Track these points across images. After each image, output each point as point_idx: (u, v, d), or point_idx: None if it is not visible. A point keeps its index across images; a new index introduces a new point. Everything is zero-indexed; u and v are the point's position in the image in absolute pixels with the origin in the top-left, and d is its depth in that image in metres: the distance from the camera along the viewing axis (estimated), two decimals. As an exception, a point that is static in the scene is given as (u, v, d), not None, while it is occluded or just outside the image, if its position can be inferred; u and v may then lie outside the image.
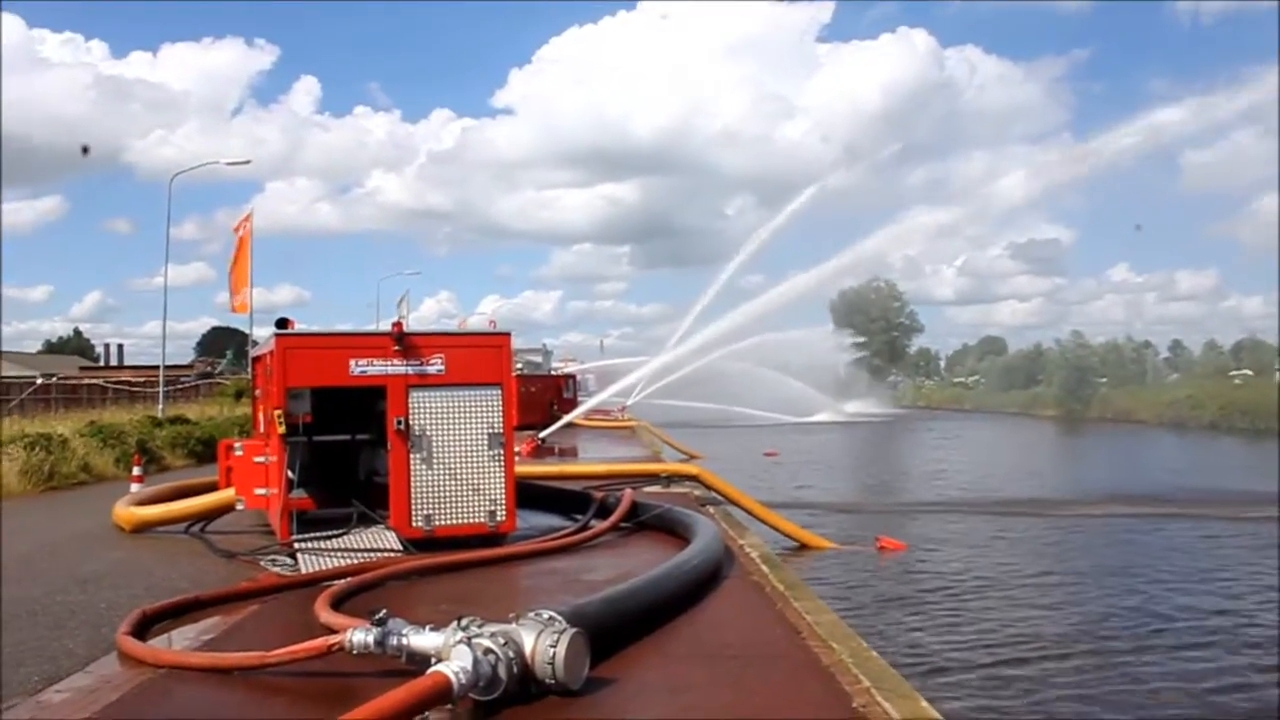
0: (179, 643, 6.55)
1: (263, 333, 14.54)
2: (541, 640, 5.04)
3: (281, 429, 9.42)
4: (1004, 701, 10.98)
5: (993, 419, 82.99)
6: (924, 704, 5.08)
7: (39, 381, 50.02)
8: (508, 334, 10.41)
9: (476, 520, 9.79)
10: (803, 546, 17.09)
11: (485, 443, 9.85)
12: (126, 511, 12.03)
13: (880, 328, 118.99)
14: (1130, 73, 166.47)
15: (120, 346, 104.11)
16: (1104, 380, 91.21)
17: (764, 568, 8.86)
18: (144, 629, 6.58)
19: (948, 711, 5.56)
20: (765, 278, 39.24)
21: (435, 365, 9.79)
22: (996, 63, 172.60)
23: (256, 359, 12.67)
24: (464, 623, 5.07)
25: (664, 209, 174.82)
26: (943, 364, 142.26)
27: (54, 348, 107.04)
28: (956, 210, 34.64)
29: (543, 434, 25.62)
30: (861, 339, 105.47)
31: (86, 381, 56.20)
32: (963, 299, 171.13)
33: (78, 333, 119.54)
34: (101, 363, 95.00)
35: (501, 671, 4.88)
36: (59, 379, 53.29)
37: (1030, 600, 15.89)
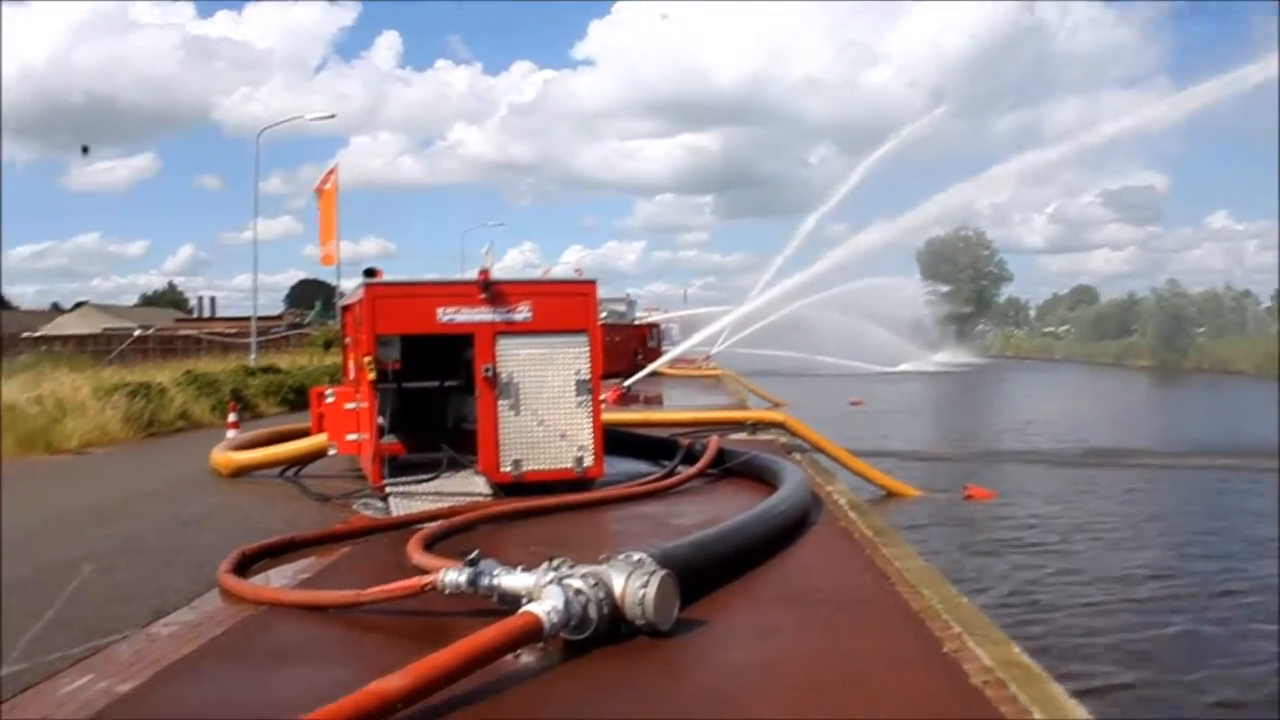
0: (277, 581, 6.71)
1: (349, 284, 14.76)
2: (631, 581, 5.05)
3: (372, 375, 9.54)
4: (1092, 645, 10.82)
5: (1084, 369, 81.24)
6: (1015, 649, 4.99)
7: (136, 333, 51.63)
8: (593, 281, 10.36)
9: (564, 466, 9.83)
10: (889, 494, 16.95)
11: (573, 389, 9.85)
12: (224, 457, 12.36)
13: (968, 276, 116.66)
14: (1229, 12, 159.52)
15: (213, 299, 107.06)
16: (1201, 330, 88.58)
17: (852, 514, 8.78)
18: (243, 568, 6.75)
19: (1036, 651, 5.45)
20: (848, 226, 38.44)
21: (522, 313, 9.79)
22: (1088, 6, 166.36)
23: (346, 308, 12.85)
24: (555, 564, 5.11)
25: (745, 158, 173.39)
26: (1033, 313, 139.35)
27: (150, 300, 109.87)
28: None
29: (627, 382, 25.67)
30: (949, 288, 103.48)
31: (182, 333, 57.86)
32: (1054, 247, 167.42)
33: (172, 286, 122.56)
34: (195, 315, 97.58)
35: (592, 612, 4.91)
36: (156, 330, 54.93)
37: (1118, 549, 15.59)
